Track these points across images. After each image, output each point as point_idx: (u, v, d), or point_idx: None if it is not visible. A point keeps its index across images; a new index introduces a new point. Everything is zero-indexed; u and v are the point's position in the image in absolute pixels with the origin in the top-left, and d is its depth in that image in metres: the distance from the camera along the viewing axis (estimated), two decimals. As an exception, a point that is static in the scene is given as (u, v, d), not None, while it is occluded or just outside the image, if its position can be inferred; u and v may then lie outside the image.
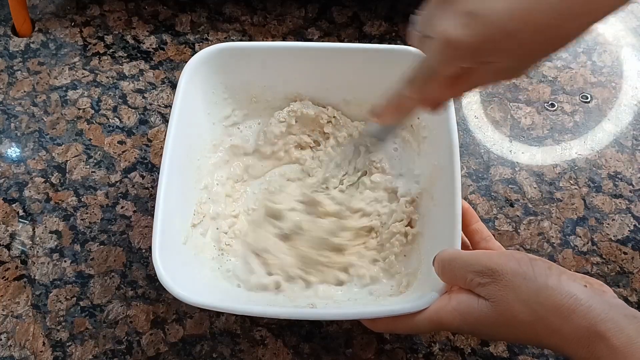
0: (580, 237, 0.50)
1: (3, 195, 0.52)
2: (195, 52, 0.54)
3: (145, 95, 0.58)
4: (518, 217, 0.51)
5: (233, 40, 0.61)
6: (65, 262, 0.49)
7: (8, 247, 0.50)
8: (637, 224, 0.51)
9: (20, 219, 0.51)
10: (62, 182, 0.53)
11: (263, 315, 0.42)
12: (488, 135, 0.56)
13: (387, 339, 0.46)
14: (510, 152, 0.55)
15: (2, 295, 0.47)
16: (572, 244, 0.50)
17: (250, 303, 0.43)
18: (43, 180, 0.53)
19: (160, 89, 0.58)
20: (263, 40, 0.61)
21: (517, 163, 0.54)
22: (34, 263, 0.49)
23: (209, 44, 0.57)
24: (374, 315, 0.38)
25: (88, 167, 0.54)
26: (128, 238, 0.50)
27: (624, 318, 0.30)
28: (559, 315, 0.31)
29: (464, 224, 0.41)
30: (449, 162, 0.43)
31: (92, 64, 0.60)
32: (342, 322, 0.46)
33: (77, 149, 0.55)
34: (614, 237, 0.50)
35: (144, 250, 0.49)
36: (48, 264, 0.49)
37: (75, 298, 0.47)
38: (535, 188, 0.53)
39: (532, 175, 0.53)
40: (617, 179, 0.53)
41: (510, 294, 0.33)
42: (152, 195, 0.52)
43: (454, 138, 0.43)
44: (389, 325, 0.39)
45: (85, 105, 0.57)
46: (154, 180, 0.53)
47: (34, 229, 0.50)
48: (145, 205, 0.52)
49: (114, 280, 0.48)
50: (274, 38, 0.61)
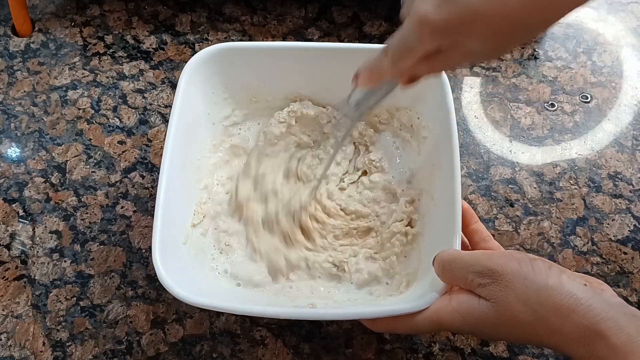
0: (580, 237, 0.50)
1: (3, 195, 0.52)
2: (195, 52, 0.54)
3: (145, 95, 0.58)
4: (518, 217, 0.51)
5: (233, 40, 0.61)
6: (65, 262, 0.49)
7: (8, 247, 0.50)
8: (637, 224, 0.51)
9: (20, 219, 0.51)
10: (62, 182, 0.53)
11: (263, 315, 0.42)
12: (488, 135, 0.56)
13: (387, 339, 0.46)
14: (510, 152, 0.55)
15: (2, 295, 0.47)
16: (572, 244, 0.50)
17: (250, 303, 0.43)
18: (43, 180, 0.53)
19: (160, 89, 0.58)
20: (263, 40, 0.61)
21: (517, 163, 0.54)
22: (34, 263, 0.49)
23: (209, 44, 0.57)
24: (374, 315, 0.38)
25: (88, 167, 0.54)
26: (128, 238, 0.50)
27: (624, 317, 0.31)
28: (559, 315, 0.32)
29: (464, 224, 0.41)
30: (449, 162, 0.43)
31: (92, 64, 0.60)
32: (342, 322, 0.46)
33: (77, 149, 0.55)
34: (614, 237, 0.50)
35: (144, 250, 0.49)
36: (48, 264, 0.49)
37: (75, 298, 0.47)
38: (535, 188, 0.53)
39: (532, 175, 0.53)
40: (617, 179, 0.53)
41: (511, 294, 0.33)
42: (152, 195, 0.52)
43: (454, 138, 0.43)
44: (389, 325, 0.39)
45: (85, 105, 0.57)
46: (154, 180, 0.53)
47: (34, 229, 0.50)
48: (145, 205, 0.52)
49: (114, 280, 0.48)
50: (274, 38, 0.61)
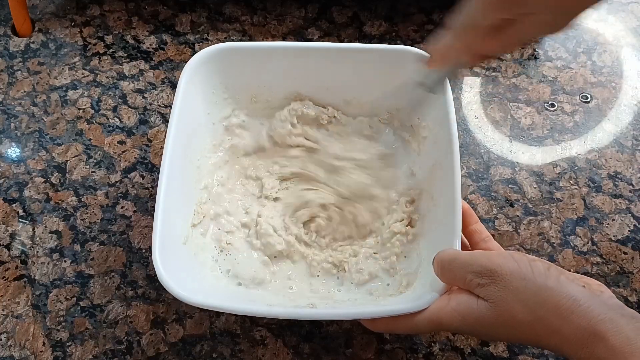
0: (580, 237, 0.50)
1: (3, 195, 0.52)
2: (195, 52, 0.54)
3: (145, 95, 0.58)
4: (518, 217, 0.51)
5: (233, 40, 0.61)
6: (65, 262, 0.49)
7: (8, 247, 0.50)
8: (637, 224, 0.51)
9: (20, 219, 0.51)
10: (62, 182, 0.53)
11: (263, 315, 0.42)
12: (488, 135, 0.56)
13: (387, 339, 0.46)
14: (510, 152, 0.55)
15: (2, 295, 0.47)
16: (572, 244, 0.50)
17: (250, 303, 0.43)
18: (43, 180, 0.53)
19: (160, 89, 0.58)
20: (263, 40, 0.61)
21: (517, 163, 0.54)
22: (34, 263, 0.49)
23: (209, 44, 0.57)
24: (374, 315, 0.38)
25: (88, 167, 0.54)
26: (128, 238, 0.50)
27: (623, 318, 0.31)
28: (558, 316, 0.32)
29: (464, 225, 0.41)
30: (449, 162, 0.43)
31: (92, 64, 0.60)
32: (342, 322, 0.46)
33: (77, 149, 0.55)
34: (614, 237, 0.50)
35: (144, 250, 0.50)
36: (48, 264, 0.49)
37: (75, 298, 0.47)
38: (535, 188, 0.53)
39: (532, 175, 0.53)
40: (617, 179, 0.53)
41: (510, 295, 0.33)
42: (152, 195, 0.52)
43: (454, 138, 0.43)
44: (389, 325, 0.39)
45: (85, 105, 0.57)
46: (154, 180, 0.53)
47: (34, 229, 0.50)
48: (145, 205, 0.52)
49: (114, 280, 0.48)
50: (274, 38, 0.61)
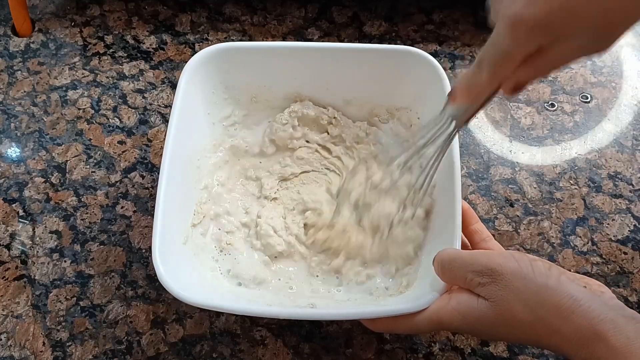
0: (580, 237, 0.50)
1: (3, 195, 0.52)
2: (195, 52, 0.54)
3: (145, 95, 0.58)
4: (518, 217, 0.51)
5: (233, 40, 0.61)
6: (65, 262, 0.49)
7: (8, 247, 0.50)
8: (637, 224, 0.51)
9: (20, 219, 0.51)
10: (62, 182, 0.53)
11: (263, 315, 0.42)
12: (488, 135, 0.56)
13: (387, 339, 0.46)
14: (510, 152, 0.55)
15: (2, 295, 0.47)
16: (572, 244, 0.50)
17: (251, 303, 0.43)
18: (43, 180, 0.53)
19: (160, 89, 0.58)
20: (263, 40, 0.61)
21: (517, 163, 0.54)
22: (34, 263, 0.49)
23: (209, 44, 0.57)
24: (374, 315, 0.38)
25: (88, 167, 0.54)
26: (128, 238, 0.50)
27: (623, 319, 0.31)
28: (559, 316, 0.32)
29: (464, 225, 0.41)
30: (449, 162, 0.43)
31: (92, 64, 0.60)
32: (342, 322, 0.46)
33: (77, 149, 0.55)
34: (614, 237, 0.50)
35: (144, 250, 0.49)
36: (48, 264, 0.49)
37: (75, 298, 0.47)
38: (535, 188, 0.53)
39: (532, 175, 0.53)
40: (617, 179, 0.53)
41: (510, 294, 0.33)
42: (152, 195, 0.52)
43: (454, 138, 0.43)
44: (389, 325, 0.39)
45: (85, 105, 0.57)
46: (154, 180, 0.53)
47: (34, 229, 0.50)
48: (145, 205, 0.52)
49: (114, 280, 0.48)
50: (274, 38, 0.61)
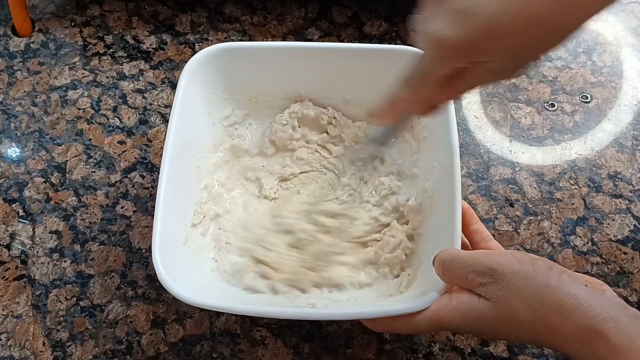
0: (580, 237, 0.50)
1: (3, 195, 0.52)
2: (195, 52, 0.54)
3: (145, 95, 0.58)
4: (518, 217, 0.51)
5: (233, 40, 0.61)
6: (65, 262, 0.49)
7: (8, 247, 0.50)
8: (637, 224, 0.51)
9: (20, 219, 0.51)
10: (62, 182, 0.53)
11: (263, 315, 0.42)
12: (488, 135, 0.56)
13: (387, 339, 0.46)
14: (510, 152, 0.55)
15: (2, 295, 0.47)
16: (572, 244, 0.50)
17: (250, 303, 0.43)
18: (43, 180, 0.53)
19: (160, 89, 0.58)
20: (263, 40, 0.61)
21: (517, 163, 0.54)
22: (34, 263, 0.49)
23: (209, 44, 0.57)
24: (374, 315, 0.38)
25: (88, 167, 0.54)
26: (128, 238, 0.50)
27: (624, 317, 0.30)
28: (560, 315, 0.32)
29: (464, 225, 0.41)
30: (449, 162, 0.43)
31: (92, 64, 0.60)
32: (342, 322, 0.46)
33: (77, 149, 0.55)
34: (614, 237, 0.50)
35: (144, 250, 0.49)
36: (48, 264, 0.49)
37: (75, 298, 0.47)
38: (535, 188, 0.53)
39: (532, 175, 0.53)
40: (617, 179, 0.53)
41: (511, 294, 0.33)
42: (152, 195, 0.52)
43: (454, 138, 0.43)
44: (389, 325, 0.39)
45: (85, 105, 0.57)
46: (154, 180, 0.53)
47: (34, 229, 0.50)
48: (145, 205, 0.52)
49: (114, 280, 0.48)
50: (274, 38, 0.61)
